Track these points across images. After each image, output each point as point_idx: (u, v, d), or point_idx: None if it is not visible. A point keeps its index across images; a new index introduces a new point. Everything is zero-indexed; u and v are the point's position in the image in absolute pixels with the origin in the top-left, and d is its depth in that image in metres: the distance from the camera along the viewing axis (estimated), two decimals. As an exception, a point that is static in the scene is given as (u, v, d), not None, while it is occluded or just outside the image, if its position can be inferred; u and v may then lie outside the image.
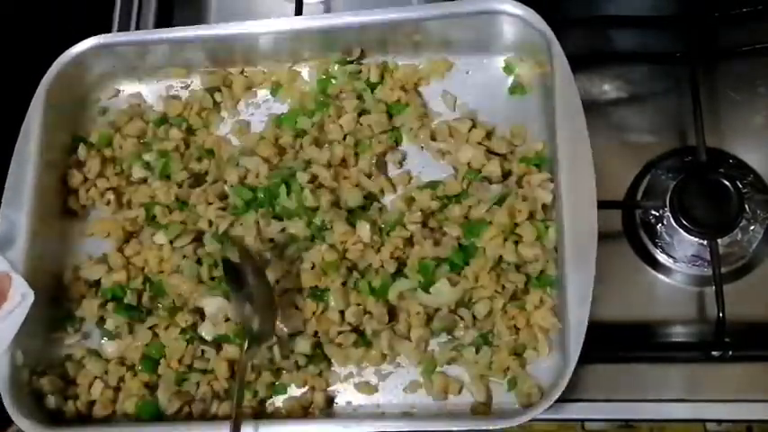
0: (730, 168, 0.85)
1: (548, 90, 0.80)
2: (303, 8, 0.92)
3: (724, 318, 0.77)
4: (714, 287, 0.78)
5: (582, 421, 0.81)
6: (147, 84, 0.92)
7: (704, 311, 0.82)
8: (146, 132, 0.89)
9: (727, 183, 0.81)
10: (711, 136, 0.84)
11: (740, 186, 0.82)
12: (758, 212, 0.83)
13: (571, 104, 0.76)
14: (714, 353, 0.78)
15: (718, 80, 0.88)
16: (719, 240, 0.81)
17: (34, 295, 0.78)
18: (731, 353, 0.78)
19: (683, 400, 0.76)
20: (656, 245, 0.84)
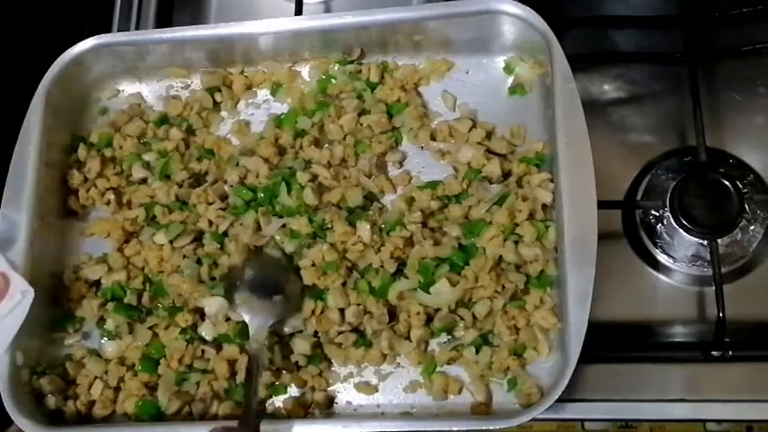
0: (730, 168, 0.85)
1: (548, 90, 0.80)
2: (303, 8, 0.92)
3: (724, 318, 0.77)
4: (714, 287, 0.78)
5: (582, 421, 0.80)
6: (147, 84, 0.92)
7: (704, 311, 0.82)
8: (146, 132, 0.89)
9: (727, 183, 0.81)
10: (711, 136, 0.84)
11: (740, 186, 0.82)
12: (758, 212, 0.83)
13: (571, 104, 0.76)
14: (714, 353, 0.78)
15: (718, 80, 0.88)
16: (719, 240, 0.81)
17: (34, 295, 0.78)
18: (731, 353, 0.78)
19: (683, 400, 0.76)
20: (656, 245, 0.84)
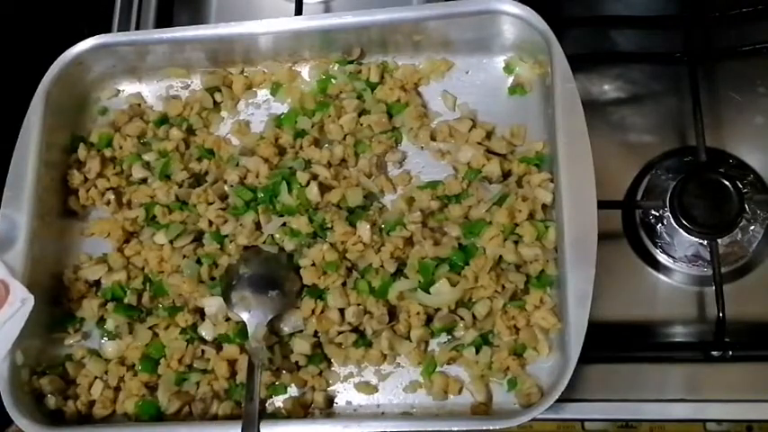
0: (730, 168, 0.85)
1: (548, 90, 0.80)
2: (303, 8, 0.92)
3: (724, 318, 0.77)
4: (714, 287, 0.78)
5: (582, 421, 0.80)
6: (147, 84, 0.92)
7: (704, 311, 0.82)
8: (146, 132, 0.89)
9: (727, 183, 0.81)
10: (711, 136, 0.84)
11: (740, 186, 0.82)
12: (758, 212, 0.83)
13: (571, 104, 0.76)
14: (714, 353, 0.78)
15: (718, 80, 0.88)
16: (719, 240, 0.81)
17: (34, 296, 0.78)
18: (731, 353, 0.78)
19: (683, 400, 0.76)
20: (656, 245, 0.84)
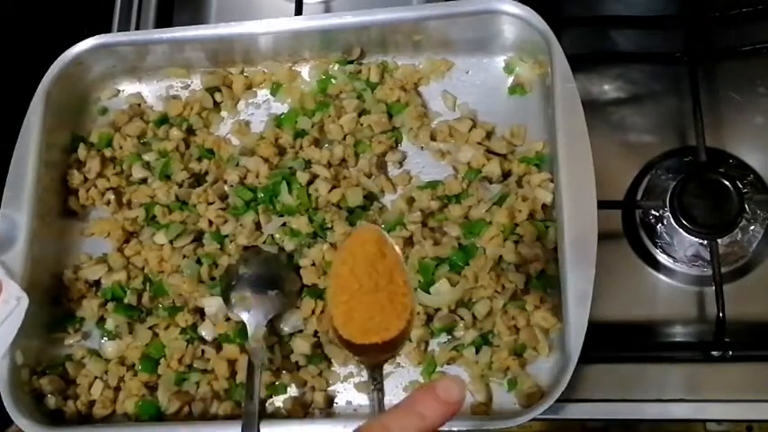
0: (730, 168, 0.85)
1: (548, 90, 0.80)
2: (303, 8, 0.92)
3: (724, 318, 0.77)
4: (714, 287, 0.78)
5: (582, 421, 0.80)
6: (147, 84, 0.92)
7: (704, 311, 0.82)
8: (146, 132, 0.89)
9: (727, 183, 0.81)
10: (711, 136, 0.84)
11: (740, 186, 0.82)
12: (758, 212, 0.83)
13: (571, 104, 0.76)
14: (714, 353, 0.78)
15: (718, 80, 0.88)
16: (719, 240, 0.81)
17: (34, 296, 0.78)
18: (731, 353, 0.78)
19: (683, 400, 0.76)
20: (656, 245, 0.84)
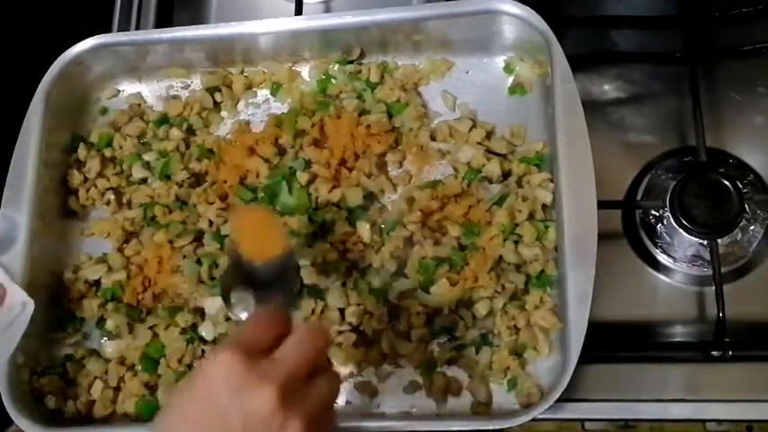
0: (730, 168, 0.85)
1: (548, 90, 0.80)
2: (303, 8, 0.92)
3: (724, 318, 0.77)
4: (714, 287, 0.78)
5: (582, 421, 0.80)
6: (147, 84, 0.92)
7: (704, 311, 0.82)
8: (146, 132, 0.89)
9: (727, 183, 0.81)
10: (711, 136, 0.84)
11: (740, 186, 0.82)
12: (758, 212, 0.83)
13: (571, 104, 0.76)
14: (714, 353, 0.78)
15: (718, 80, 0.88)
16: (719, 240, 0.81)
17: (34, 296, 0.78)
18: (731, 353, 0.78)
19: (683, 400, 0.76)
20: (656, 245, 0.84)
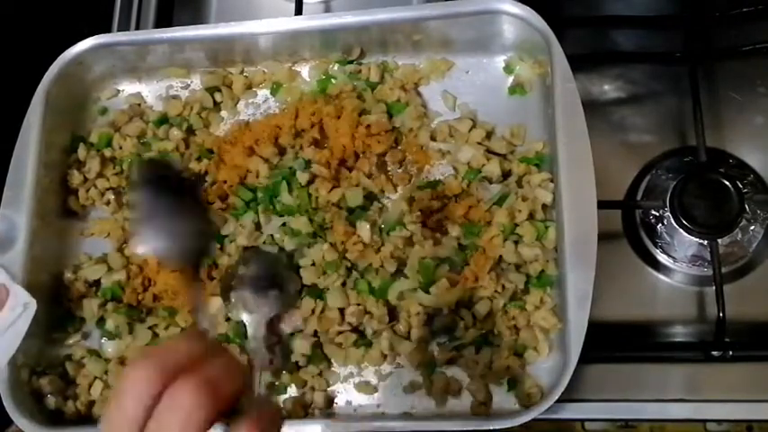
0: (730, 168, 0.85)
1: (548, 90, 0.79)
2: (303, 8, 0.92)
3: (724, 318, 0.77)
4: (714, 287, 0.78)
5: (582, 421, 0.81)
6: (147, 84, 0.92)
7: (704, 311, 0.82)
8: (146, 132, 0.89)
9: (727, 183, 0.81)
10: (711, 136, 0.84)
11: (740, 186, 0.82)
12: (758, 212, 0.83)
13: (571, 104, 0.76)
14: (714, 353, 0.78)
15: (718, 80, 0.88)
16: (719, 240, 0.81)
17: (34, 296, 0.78)
18: (731, 353, 0.78)
19: (683, 400, 0.76)
20: (656, 245, 0.84)
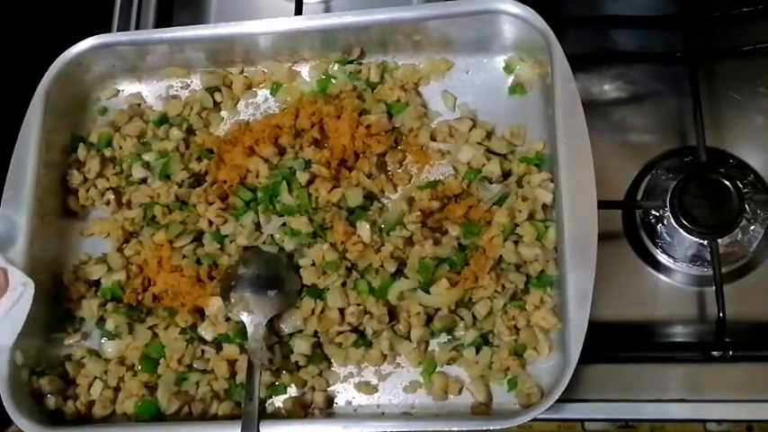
0: (730, 168, 0.85)
1: (548, 90, 0.79)
2: (303, 8, 0.92)
3: (724, 318, 0.77)
4: (714, 287, 0.78)
5: (582, 421, 0.81)
6: (147, 84, 0.92)
7: (704, 311, 0.82)
8: (146, 132, 0.89)
9: (727, 183, 0.81)
10: (711, 136, 0.84)
11: (740, 186, 0.82)
12: (758, 212, 0.83)
13: (571, 104, 0.76)
14: (714, 353, 0.78)
15: (718, 80, 0.88)
16: (719, 240, 0.81)
17: (34, 292, 0.78)
18: (731, 353, 0.78)
19: (683, 400, 0.76)
20: (656, 245, 0.84)
